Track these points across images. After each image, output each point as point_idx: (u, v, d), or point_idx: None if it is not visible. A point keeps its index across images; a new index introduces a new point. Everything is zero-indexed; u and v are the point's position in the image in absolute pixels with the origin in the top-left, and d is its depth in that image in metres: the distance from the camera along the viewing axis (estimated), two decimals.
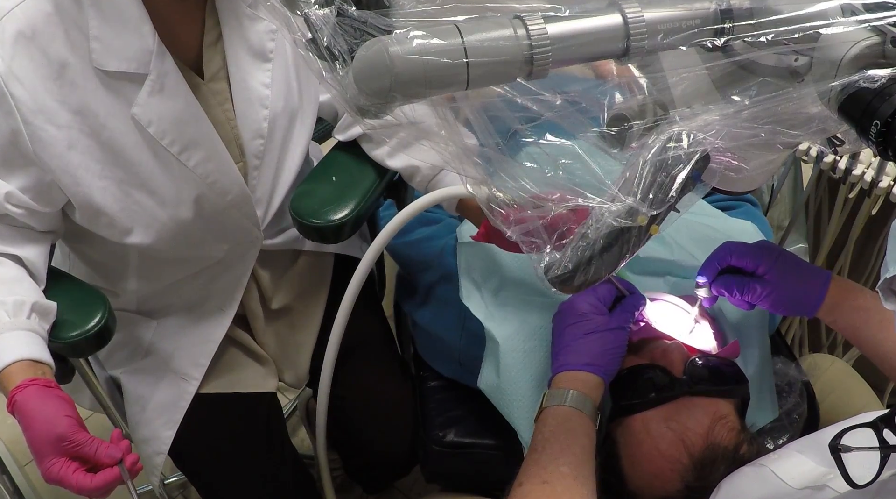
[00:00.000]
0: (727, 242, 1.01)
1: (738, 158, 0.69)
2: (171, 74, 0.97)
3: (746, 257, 0.99)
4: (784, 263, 0.98)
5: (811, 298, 0.96)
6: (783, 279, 0.97)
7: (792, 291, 0.97)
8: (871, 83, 0.54)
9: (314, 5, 0.60)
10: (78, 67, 0.92)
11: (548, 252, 0.73)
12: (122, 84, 0.95)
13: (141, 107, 0.96)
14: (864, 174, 1.32)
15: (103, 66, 0.93)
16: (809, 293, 0.96)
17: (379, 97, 0.57)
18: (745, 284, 0.98)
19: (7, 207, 0.96)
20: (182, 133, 0.99)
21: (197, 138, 1.01)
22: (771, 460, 0.81)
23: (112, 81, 0.94)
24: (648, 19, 0.59)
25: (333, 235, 1.14)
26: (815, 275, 0.97)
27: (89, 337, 0.99)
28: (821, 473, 0.75)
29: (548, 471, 0.82)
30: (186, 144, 1.00)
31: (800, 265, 0.99)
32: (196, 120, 1.01)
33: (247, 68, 1.06)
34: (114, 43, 0.92)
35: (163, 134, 0.98)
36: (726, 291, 0.99)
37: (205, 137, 1.02)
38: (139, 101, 0.95)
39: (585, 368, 0.91)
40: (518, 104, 0.63)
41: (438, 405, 1.23)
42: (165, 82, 0.97)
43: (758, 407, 1.06)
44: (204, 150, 1.02)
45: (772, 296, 0.97)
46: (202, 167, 1.03)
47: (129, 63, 0.94)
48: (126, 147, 0.98)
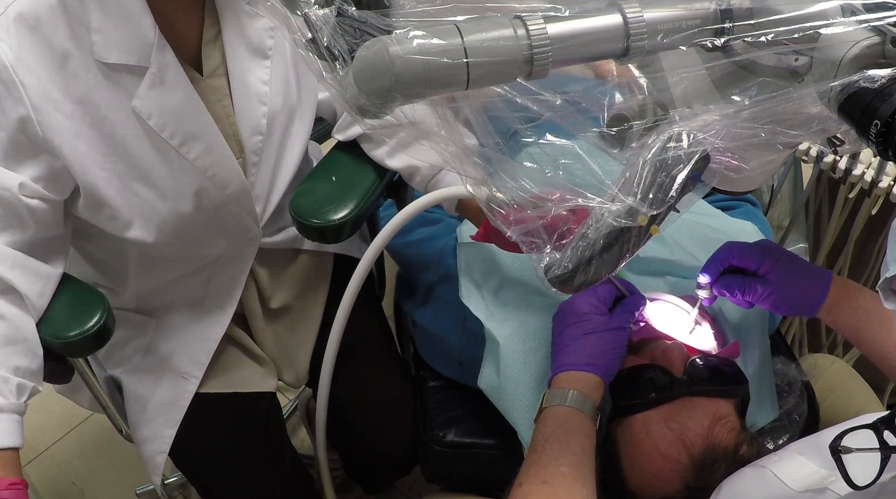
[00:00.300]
0: (729, 243, 1.01)
1: (738, 158, 0.69)
2: (171, 67, 0.98)
3: (748, 257, 0.99)
4: (785, 263, 0.98)
5: (812, 297, 0.96)
6: (784, 279, 0.97)
7: (793, 290, 0.97)
8: (871, 83, 0.54)
9: (314, 5, 0.60)
10: (80, 59, 0.93)
11: (548, 252, 0.73)
12: (123, 77, 0.95)
13: (141, 99, 0.96)
14: (864, 174, 1.32)
15: (104, 58, 0.93)
16: (810, 293, 0.96)
17: (379, 97, 0.57)
18: (747, 284, 0.98)
19: (22, 198, 0.95)
20: (182, 125, 1.00)
21: (197, 131, 1.01)
22: (772, 462, 0.81)
23: (113, 74, 0.95)
24: (648, 19, 0.59)
25: (333, 235, 1.14)
26: (816, 275, 0.97)
27: (88, 337, 0.98)
28: (822, 475, 0.75)
29: (548, 471, 0.82)
30: (186, 137, 1.01)
31: (800, 265, 0.99)
32: (196, 113, 1.01)
33: (245, 65, 1.06)
34: (115, 35, 0.93)
35: (163, 126, 0.98)
36: (727, 291, 0.99)
37: (204, 130, 1.02)
38: (140, 94, 0.96)
39: (585, 369, 0.91)
40: (518, 104, 0.63)
41: (438, 405, 1.23)
42: (166, 75, 0.97)
43: (758, 407, 1.06)
44: (204, 142, 1.03)
45: (773, 296, 0.97)
46: (202, 160, 1.03)
47: (130, 55, 0.94)
48: (126, 139, 0.98)
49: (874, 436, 0.62)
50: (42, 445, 1.86)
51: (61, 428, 1.88)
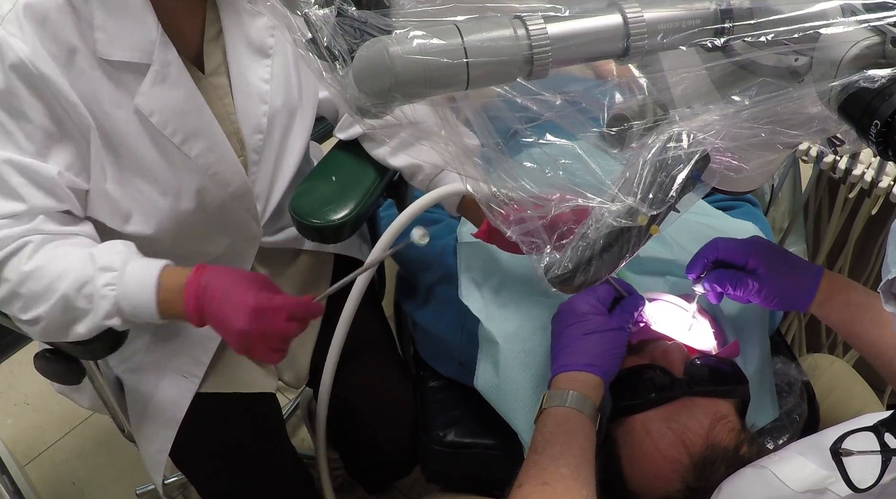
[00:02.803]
0: (715, 239, 1.01)
1: (738, 158, 0.69)
2: (173, 65, 0.98)
3: (734, 252, 0.99)
4: (774, 257, 0.98)
5: (803, 291, 0.97)
6: (774, 273, 0.97)
7: (784, 284, 0.98)
8: (871, 83, 0.54)
9: (314, 5, 0.60)
10: (84, 56, 0.94)
11: (548, 252, 0.73)
12: (126, 75, 0.96)
13: (144, 96, 0.97)
14: (864, 174, 1.32)
15: (108, 55, 0.94)
16: (801, 287, 0.97)
17: (379, 97, 0.57)
18: (738, 278, 0.98)
19: (67, 191, 0.96)
20: (184, 123, 1.00)
21: (198, 129, 1.02)
22: (772, 462, 0.81)
23: (115, 72, 0.96)
24: (648, 19, 0.59)
25: (333, 235, 1.14)
26: (807, 269, 0.98)
27: (102, 339, 0.98)
28: (822, 476, 0.75)
29: (548, 472, 0.82)
30: (188, 135, 1.01)
31: (791, 260, 1.00)
32: (198, 110, 1.02)
33: (247, 63, 1.06)
34: (118, 33, 0.94)
35: (165, 124, 0.99)
36: (719, 285, 0.99)
37: (206, 127, 1.03)
38: (142, 91, 0.97)
39: (585, 369, 0.91)
40: (518, 104, 0.63)
41: (438, 405, 1.23)
42: (168, 73, 0.98)
43: (758, 407, 1.06)
44: (206, 140, 1.03)
45: (764, 290, 0.97)
46: (204, 158, 1.03)
47: (133, 53, 0.95)
48: (129, 137, 0.99)
49: (875, 438, 0.62)
50: (42, 445, 1.86)
51: (61, 428, 1.88)
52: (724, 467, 0.86)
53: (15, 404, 1.94)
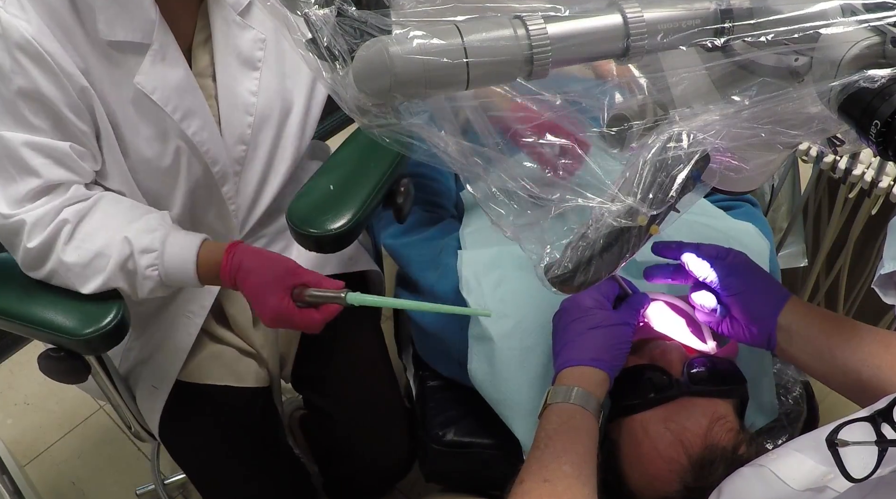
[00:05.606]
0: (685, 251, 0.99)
1: (738, 158, 0.69)
2: (171, 46, 1.01)
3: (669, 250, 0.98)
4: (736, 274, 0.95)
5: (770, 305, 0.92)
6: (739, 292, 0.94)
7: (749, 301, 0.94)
8: (871, 83, 0.54)
9: (314, 5, 0.60)
10: (84, 37, 0.95)
11: (548, 252, 0.73)
12: (125, 55, 0.98)
13: (144, 75, 0.99)
14: (864, 174, 1.32)
15: (110, 35, 0.95)
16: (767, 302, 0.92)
17: (379, 97, 0.58)
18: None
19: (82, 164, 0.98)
20: (183, 101, 1.03)
21: (194, 107, 1.04)
22: (770, 461, 0.81)
23: (115, 53, 0.97)
24: (648, 19, 0.59)
25: (331, 245, 1.10)
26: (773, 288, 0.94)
27: (104, 333, 0.98)
28: (821, 472, 0.75)
29: (549, 469, 0.82)
30: (186, 112, 1.03)
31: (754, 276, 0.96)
32: (193, 90, 1.04)
33: (233, 74, 1.08)
34: (119, 14, 0.95)
35: (166, 100, 1.01)
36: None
37: (200, 106, 1.05)
38: (143, 70, 0.99)
39: (591, 364, 0.90)
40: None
41: (438, 405, 1.23)
42: (167, 53, 1.00)
43: (757, 407, 1.06)
44: (200, 118, 1.05)
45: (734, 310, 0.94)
46: (199, 135, 1.05)
47: (136, 33, 0.97)
48: (126, 118, 1.00)
49: (871, 429, 0.62)
50: (42, 445, 1.86)
51: (61, 428, 1.88)
52: (723, 467, 0.86)
53: (15, 404, 1.94)
